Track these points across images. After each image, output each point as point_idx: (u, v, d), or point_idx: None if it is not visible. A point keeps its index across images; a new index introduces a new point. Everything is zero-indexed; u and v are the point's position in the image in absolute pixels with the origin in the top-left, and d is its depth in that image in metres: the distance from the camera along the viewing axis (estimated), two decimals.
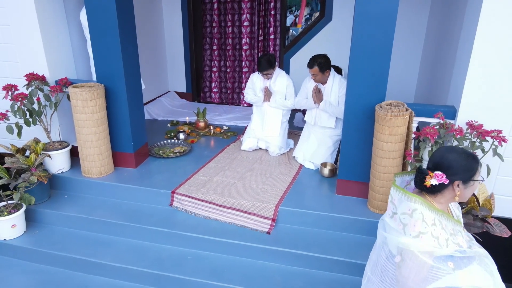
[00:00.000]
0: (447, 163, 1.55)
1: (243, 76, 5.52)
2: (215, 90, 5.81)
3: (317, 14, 5.12)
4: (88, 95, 3.18)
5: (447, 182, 1.53)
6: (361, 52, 2.79)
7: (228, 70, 5.59)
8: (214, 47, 5.58)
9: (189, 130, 4.57)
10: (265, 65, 3.76)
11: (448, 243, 1.49)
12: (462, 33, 2.91)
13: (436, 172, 1.54)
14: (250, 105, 5.56)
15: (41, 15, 3.37)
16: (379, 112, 2.70)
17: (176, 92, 5.92)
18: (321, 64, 3.43)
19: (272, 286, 2.67)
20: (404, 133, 2.71)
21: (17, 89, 3.24)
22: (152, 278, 2.82)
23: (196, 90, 5.91)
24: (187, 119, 4.90)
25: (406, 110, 2.68)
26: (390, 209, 1.60)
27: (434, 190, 1.58)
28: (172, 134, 4.46)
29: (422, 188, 1.60)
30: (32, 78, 3.28)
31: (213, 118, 5.09)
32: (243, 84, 5.57)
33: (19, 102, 3.16)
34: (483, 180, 1.63)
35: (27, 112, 3.27)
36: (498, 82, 2.62)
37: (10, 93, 3.20)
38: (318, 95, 3.61)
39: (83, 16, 3.65)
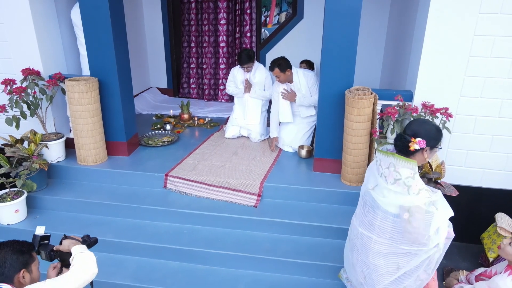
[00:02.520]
0: (424, 132, 1.93)
1: (220, 72, 5.85)
2: (193, 86, 6.11)
3: (284, 14, 5.47)
4: (84, 88, 3.43)
5: (424, 146, 1.91)
6: (331, 45, 3.21)
7: (205, 66, 5.91)
8: (192, 45, 5.88)
9: (174, 122, 4.86)
10: (245, 59, 4.13)
11: (429, 193, 1.90)
12: (415, 29, 3.39)
13: (418, 139, 1.90)
14: (227, 100, 5.92)
15: (35, 14, 3.58)
16: (348, 96, 3.14)
17: (158, 88, 6.18)
18: (280, 66, 3.83)
19: (262, 251, 3.04)
20: (370, 114, 3.15)
21: (15, 83, 3.44)
22: (152, 250, 3.12)
23: (177, 86, 6.19)
24: (171, 112, 5.18)
25: (371, 94, 3.13)
26: (392, 177, 1.90)
27: (410, 154, 1.94)
28: (159, 125, 4.74)
29: (406, 152, 1.94)
30: (28, 73, 3.49)
31: (195, 111, 5.39)
32: (220, 81, 5.90)
33: (18, 95, 3.36)
34: (441, 148, 2.04)
35: (25, 105, 3.48)
36: (444, 70, 3.11)
37: (8, 87, 3.39)
38: (291, 95, 4.00)
39: (74, 14, 3.89)
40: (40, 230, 1.91)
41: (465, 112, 3.19)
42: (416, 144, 1.90)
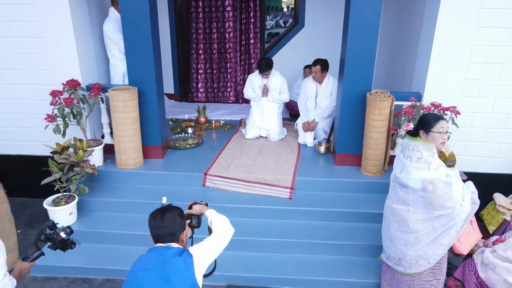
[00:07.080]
0: (420, 119, 2.50)
1: (228, 76, 6.23)
2: (201, 90, 6.43)
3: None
4: (128, 96, 3.71)
5: (412, 129, 2.47)
6: (353, 54, 3.69)
7: (215, 71, 6.26)
8: (200, 52, 6.21)
9: (194, 125, 5.18)
10: (265, 67, 4.55)
11: (446, 169, 2.40)
12: (421, 39, 3.93)
13: (407, 123, 2.47)
14: (235, 102, 6.30)
15: (76, 28, 3.81)
16: (370, 98, 3.62)
17: (165, 94, 6.42)
18: (323, 65, 4.37)
19: (302, 236, 3.47)
20: (388, 113, 3.66)
21: (62, 94, 3.66)
22: None
23: (183, 91, 6.48)
24: (186, 116, 5.48)
25: (389, 96, 3.63)
26: (415, 156, 2.38)
27: (415, 135, 2.46)
28: (179, 129, 5.04)
29: (411, 134, 2.49)
30: (73, 84, 3.71)
31: (207, 114, 5.72)
32: (228, 83, 6.27)
33: (68, 106, 3.59)
34: (439, 133, 2.42)
35: (71, 114, 3.70)
36: (449, 74, 3.68)
37: (57, 98, 3.61)
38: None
39: (107, 27, 4.13)
40: (164, 200, 2.28)
41: (466, 110, 3.77)
42: (406, 127, 2.60)
